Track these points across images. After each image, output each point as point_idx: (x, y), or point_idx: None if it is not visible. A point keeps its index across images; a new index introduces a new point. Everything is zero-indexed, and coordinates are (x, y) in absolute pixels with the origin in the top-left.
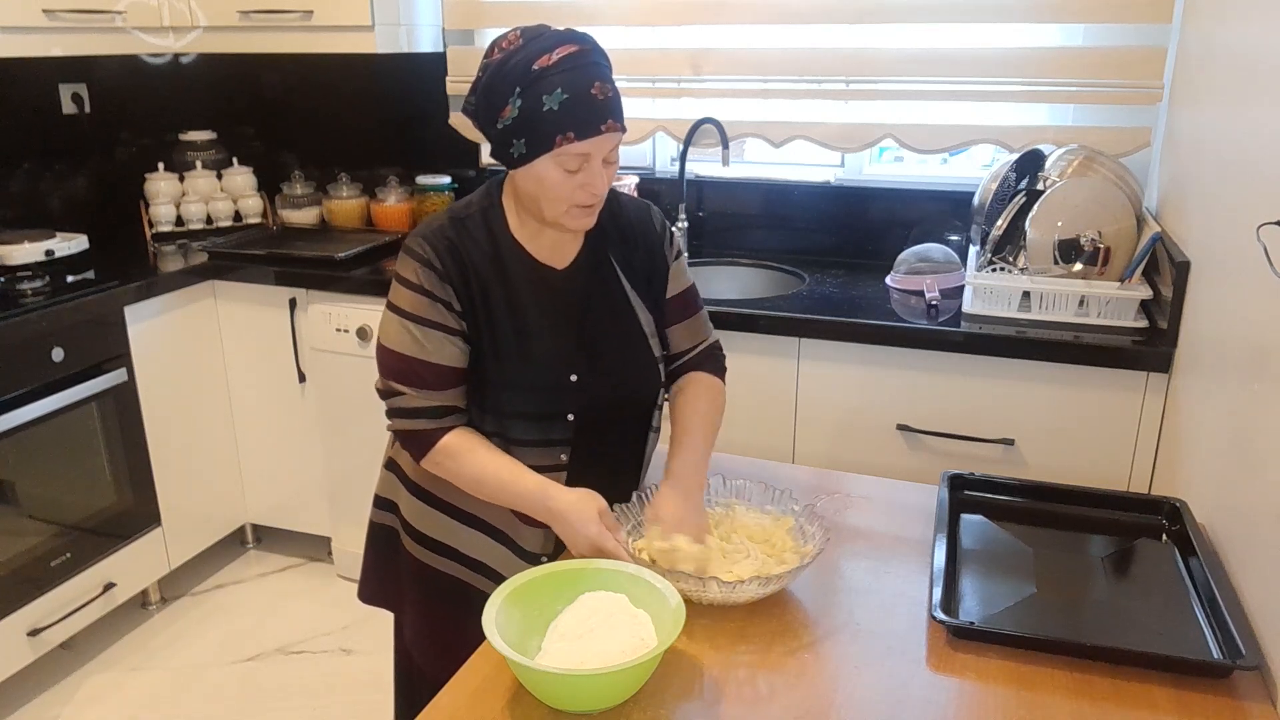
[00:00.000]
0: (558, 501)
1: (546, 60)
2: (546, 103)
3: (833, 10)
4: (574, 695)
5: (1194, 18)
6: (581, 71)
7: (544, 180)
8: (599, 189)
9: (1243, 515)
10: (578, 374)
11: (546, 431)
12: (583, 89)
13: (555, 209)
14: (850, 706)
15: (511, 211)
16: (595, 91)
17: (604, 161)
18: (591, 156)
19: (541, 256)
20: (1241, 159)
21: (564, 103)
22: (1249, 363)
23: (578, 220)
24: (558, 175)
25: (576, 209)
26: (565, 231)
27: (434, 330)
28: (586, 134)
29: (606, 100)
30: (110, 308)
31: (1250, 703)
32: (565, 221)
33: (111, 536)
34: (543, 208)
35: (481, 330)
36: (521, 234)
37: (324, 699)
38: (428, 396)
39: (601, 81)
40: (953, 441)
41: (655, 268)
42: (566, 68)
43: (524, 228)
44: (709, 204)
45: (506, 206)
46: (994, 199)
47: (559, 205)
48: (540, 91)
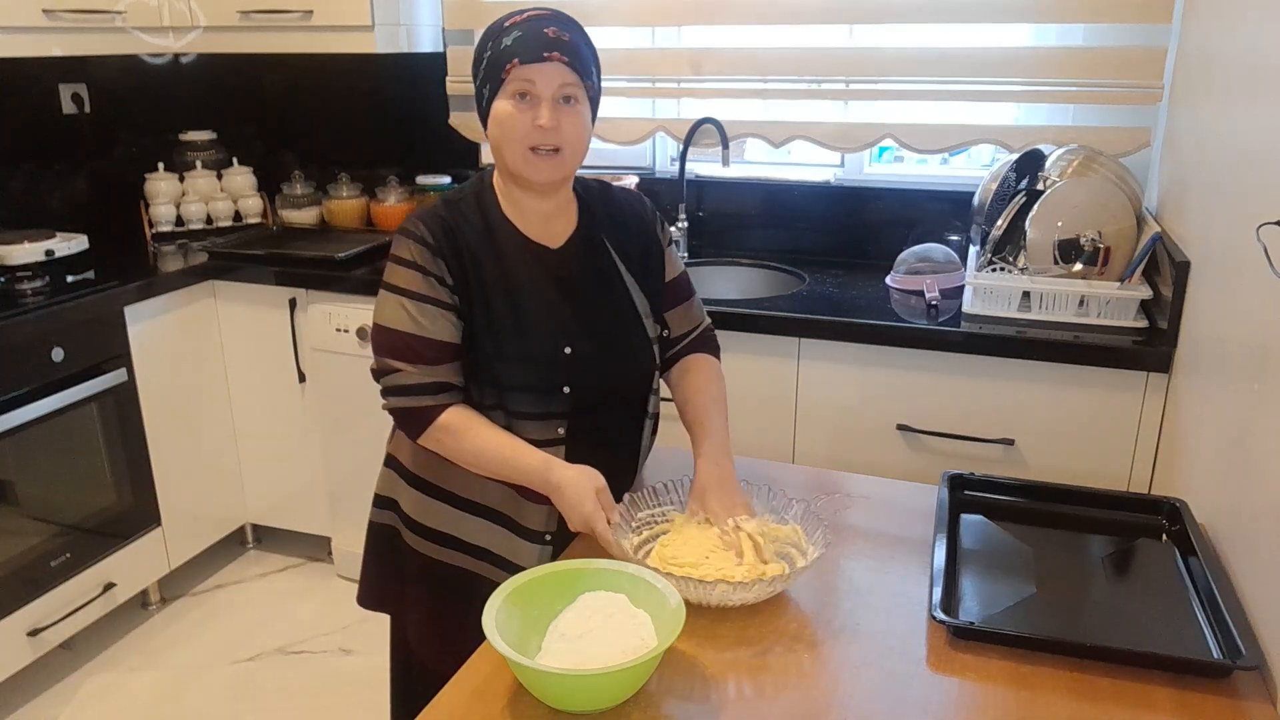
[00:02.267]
0: (559, 475)
1: (518, 18)
2: (504, 42)
3: (833, 10)
4: (574, 695)
5: (1194, 18)
6: (544, 20)
7: (501, 120)
8: (547, 123)
9: (1243, 515)
10: (572, 346)
11: (543, 405)
12: (537, 29)
13: (514, 153)
14: (850, 706)
15: (503, 193)
16: (549, 32)
17: (557, 101)
18: (536, 84)
19: (534, 235)
20: (1241, 159)
21: (516, 39)
22: (1249, 363)
23: (534, 167)
24: (509, 110)
25: (532, 154)
26: (531, 188)
27: (429, 305)
28: (529, 59)
29: (558, 39)
30: (110, 308)
31: (1250, 703)
32: (524, 170)
33: (111, 536)
34: (504, 155)
35: (475, 305)
36: (513, 213)
37: (324, 699)
38: (425, 372)
39: (559, 28)
40: (953, 441)
41: (650, 252)
42: (531, 18)
43: (514, 207)
44: (709, 204)
45: (498, 188)
46: (994, 199)
47: (516, 149)
48: (502, 37)
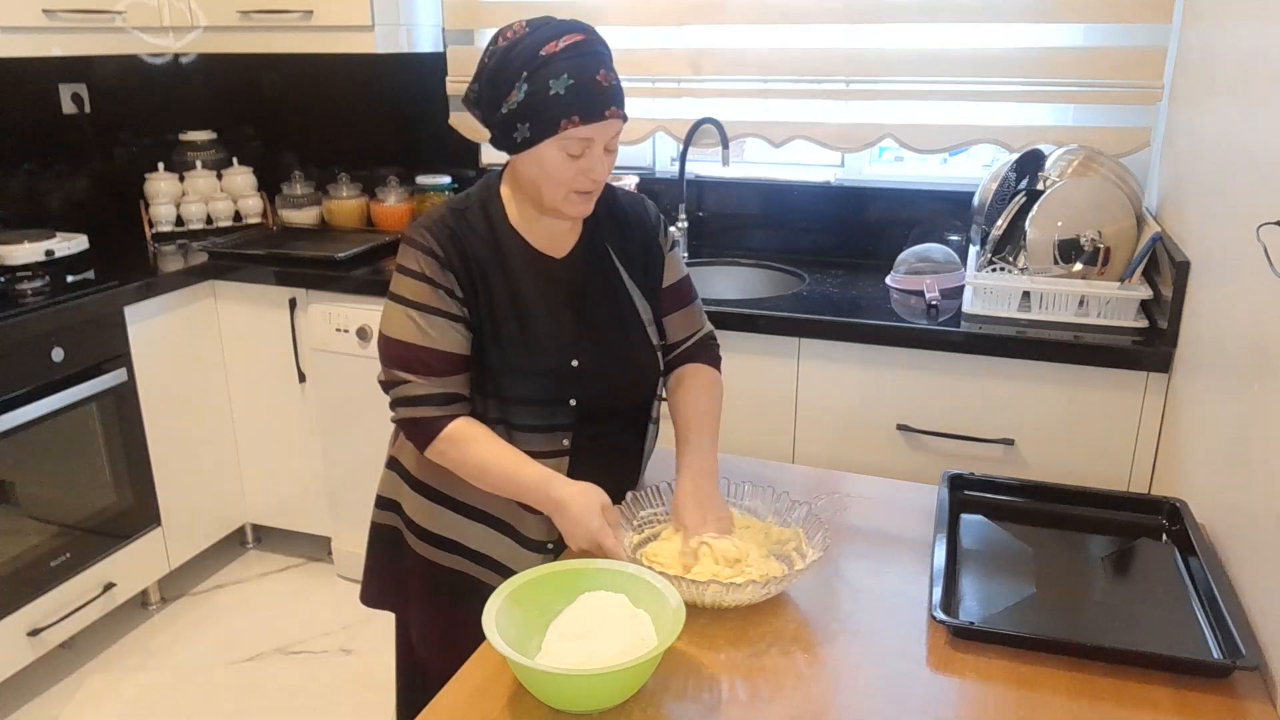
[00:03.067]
0: (561, 492)
1: (554, 47)
2: (553, 87)
3: (833, 10)
4: (574, 695)
5: (1194, 18)
6: (587, 59)
7: (546, 165)
8: (599, 175)
9: (1243, 515)
10: (579, 360)
11: (549, 417)
12: (588, 75)
13: (555, 194)
14: (850, 707)
15: (510, 202)
16: (600, 78)
17: (605, 149)
18: (594, 142)
19: (540, 246)
20: (1241, 159)
21: (570, 88)
22: (1249, 363)
23: (576, 206)
24: (560, 159)
25: (575, 195)
26: (562, 219)
27: (437, 317)
28: (591, 118)
29: (610, 87)
30: (110, 308)
31: (1250, 703)
32: (563, 207)
33: (111, 536)
34: (542, 193)
35: (483, 317)
36: (520, 224)
37: (324, 699)
38: (433, 384)
39: (605, 70)
40: (953, 441)
41: (651, 257)
42: (573, 54)
43: (522, 218)
44: (709, 204)
45: (505, 197)
46: (994, 199)
47: (559, 190)
48: (547, 76)
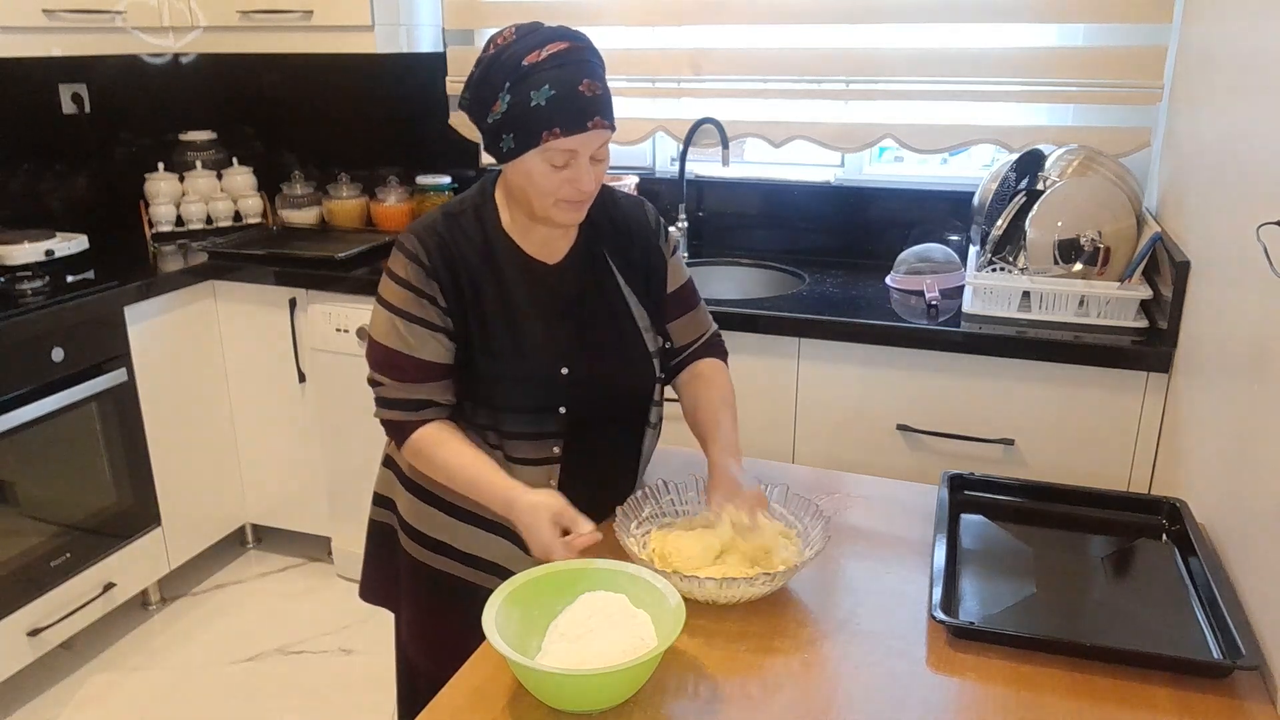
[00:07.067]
0: (516, 503)
1: (536, 56)
2: (534, 98)
3: (833, 10)
4: (574, 695)
5: (1194, 18)
6: (570, 69)
7: (531, 175)
8: (585, 186)
9: (1243, 515)
10: (569, 367)
11: (538, 424)
12: (570, 86)
13: (543, 203)
14: (850, 706)
15: (504, 207)
16: (583, 89)
17: (592, 159)
18: (578, 153)
19: (533, 252)
20: (1241, 159)
21: (551, 99)
22: (1249, 363)
23: (565, 215)
24: (545, 170)
25: (564, 204)
26: (554, 226)
27: (418, 326)
28: (572, 130)
29: (595, 98)
30: (110, 308)
31: (1250, 703)
32: (553, 215)
33: (111, 536)
34: (531, 202)
35: (472, 324)
36: (514, 229)
37: (324, 699)
38: (406, 389)
39: (590, 79)
40: (953, 441)
41: (652, 264)
42: (555, 64)
43: (516, 223)
44: (709, 204)
45: (499, 202)
46: (994, 199)
47: (546, 199)
48: (528, 87)
